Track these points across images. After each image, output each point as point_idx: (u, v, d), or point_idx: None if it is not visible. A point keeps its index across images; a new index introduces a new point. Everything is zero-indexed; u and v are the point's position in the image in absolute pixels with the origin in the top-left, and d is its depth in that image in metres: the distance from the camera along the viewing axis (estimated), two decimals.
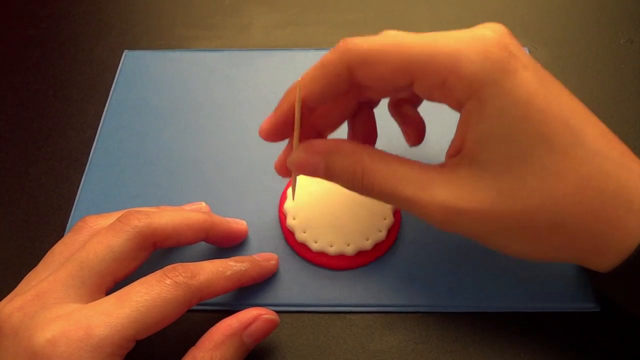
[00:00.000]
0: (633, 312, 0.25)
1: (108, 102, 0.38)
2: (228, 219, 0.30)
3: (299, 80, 0.25)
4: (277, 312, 0.26)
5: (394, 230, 0.30)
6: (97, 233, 0.25)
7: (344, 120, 0.29)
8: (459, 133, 0.24)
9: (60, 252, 0.26)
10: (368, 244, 0.30)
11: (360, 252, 0.30)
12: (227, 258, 0.27)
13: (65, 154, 0.35)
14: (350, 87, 0.26)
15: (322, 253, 0.30)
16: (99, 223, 0.27)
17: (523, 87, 0.22)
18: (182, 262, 0.24)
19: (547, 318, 0.28)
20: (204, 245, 0.30)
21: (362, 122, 0.29)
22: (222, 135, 0.36)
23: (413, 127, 0.30)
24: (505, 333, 0.27)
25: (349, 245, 0.30)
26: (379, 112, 0.30)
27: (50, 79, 0.40)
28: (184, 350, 0.24)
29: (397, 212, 0.31)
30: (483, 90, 0.22)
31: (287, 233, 0.31)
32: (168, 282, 0.23)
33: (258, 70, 0.39)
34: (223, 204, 0.32)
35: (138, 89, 0.38)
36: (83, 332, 0.21)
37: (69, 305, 0.23)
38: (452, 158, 0.25)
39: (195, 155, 0.35)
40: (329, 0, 0.44)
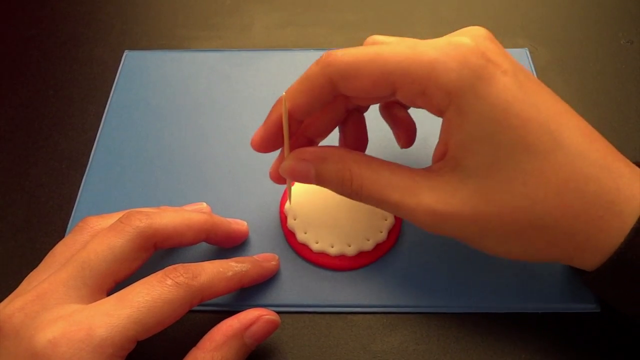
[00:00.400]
0: (623, 310, 0.25)
1: (109, 102, 0.38)
2: (229, 220, 0.30)
3: (284, 94, 0.26)
4: (277, 312, 0.26)
5: (395, 231, 0.30)
6: (98, 233, 0.25)
7: (335, 127, 0.29)
8: (442, 139, 0.25)
9: (61, 252, 0.26)
10: (369, 245, 0.30)
11: (361, 252, 0.30)
12: (228, 259, 0.27)
13: (66, 154, 0.35)
14: (336, 97, 0.26)
15: (323, 253, 0.30)
16: (100, 223, 0.27)
17: (501, 92, 0.23)
18: (183, 262, 0.24)
19: (547, 318, 0.28)
20: (205, 246, 0.30)
21: (352, 127, 0.29)
22: (222, 136, 0.36)
23: (404, 129, 0.30)
24: (506, 333, 0.27)
25: (350, 246, 0.30)
26: (371, 115, 0.30)
27: (51, 79, 0.40)
28: (185, 351, 0.24)
29: None
30: (461, 98, 0.23)
31: (287, 234, 0.31)
32: (169, 282, 0.23)
33: (258, 71, 0.39)
34: (224, 205, 0.32)
35: (139, 89, 0.38)
36: (84, 332, 0.21)
37: (70, 306, 0.23)
38: (436, 163, 0.25)
39: (196, 156, 0.35)
40: (329, 1, 0.44)
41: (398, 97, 0.25)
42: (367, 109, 0.30)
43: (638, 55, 0.39)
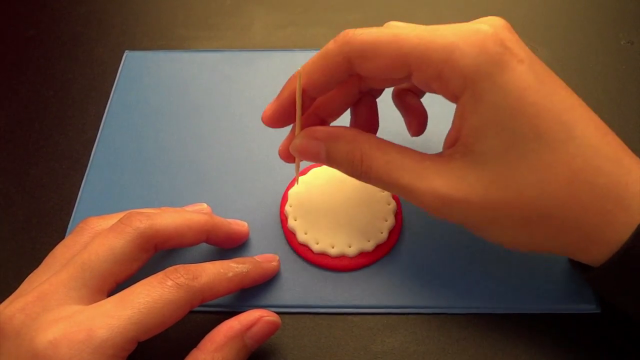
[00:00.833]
0: (625, 309, 0.25)
1: (109, 102, 0.38)
2: (229, 220, 0.30)
3: (300, 69, 0.26)
4: (278, 313, 0.26)
5: (395, 232, 0.30)
6: (98, 234, 0.25)
7: (347, 109, 0.29)
8: (455, 124, 0.25)
9: (62, 253, 0.26)
10: (369, 246, 0.30)
11: (362, 253, 0.30)
12: (228, 259, 0.27)
13: (66, 155, 0.35)
14: (351, 77, 0.26)
15: (323, 254, 0.30)
16: (101, 224, 0.27)
17: (516, 80, 0.23)
18: (183, 263, 0.24)
19: (547, 319, 0.28)
20: (205, 247, 0.30)
21: (364, 110, 0.29)
22: (223, 136, 0.36)
23: (415, 117, 0.30)
24: (506, 334, 0.27)
25: (351, 247, 0.30)
26: (383, 102, 0.30)
27: (51, 80, 0.40)
28: (186, 352, 0.24)
29: (398, 213, 0.31)
30: (477, 83, 0.23)
31: (288, 234, 0.31)
32: (170, 283, 0.23)
33: (259, 71, 0.39)
34: (224, 205, 0.32)
35: (139, 90, 0.38)
36: (85, 334, 0.21)
37: (71, 307, 0.23)
38: (448, 149, 0.25)
39: (197, 156, 0.35)
40: (330, 1, 0.44)
41: (414, 80, 0.25)
42: (380, 94, 0.30)
43: (638, 56, 0.39)
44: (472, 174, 0.24)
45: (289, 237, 0.31)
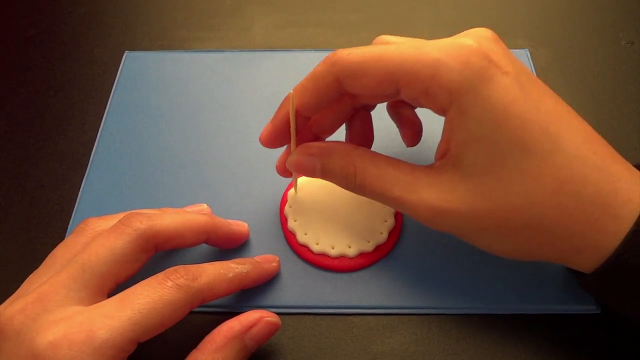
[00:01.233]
0: (621, 312, 0.25)
1: (109, 103, 0.38)
2: (229, 221, 0.30)
3: (291, 92, 0.26)
4: (278, 314, 0.26)
5: (395, 233, 0.30)
6: (98, 235, 0.25)
7: (341, 125, 0.30)
8: (444, 137, 0.25)
9: (62, 254, 0.26)
10: (369, 246, 0.30)
11: (362, 254, 0.30)
12: (228, 260, 0.27)
13: (66, 155, 0.35)
14: (343, 95, 0.27)
15: (323, 255, 0.30)
16: (101, 225, 0.27)
17: (501, 93, 0.23)
18: (183, 264, 0.24)
19: (547, 320, 0.28)
20: (205, 248, 0.30)
21: (359, 124, 0.30)
22: (223, 136, 0.36)
23: (410, 128, 0.31)
24: (506, 335, 0.27)
25: (351, 247, 0.30)
26: (377, 113, 0.30)
27: (51, 80, 0.40)
28: (186, 353, 0.24)
29: (398, 214, 0.31)
30: (462, 98, 0.23)
31: (288, 235, 0.31)
32: (170, 284, 0.23)
33: (259, 71, 0.39)
34: (224, 206, 0.32)
35: (139, 90, 0.38)
36: (85, 334, 0.21)
37: (71, 308, 0.23)
38: (439, 160, 0.26)
39: (197, 157, 0.35)
40: (330, 1, 0.44)
41: (402, 96, 0.26)
42: (374, 107, 0.30)
43: (638, 56, 0.39)
44: (461, 186, 0.24)
45: (289, 237, 0.31)
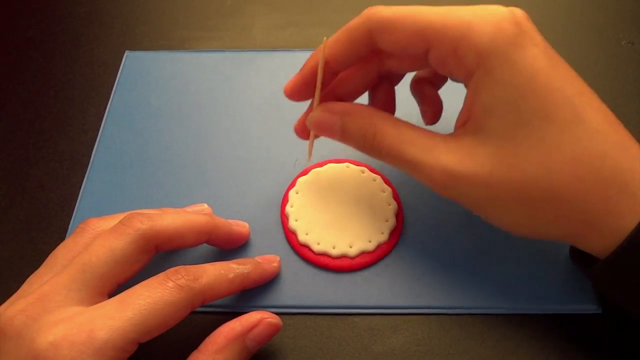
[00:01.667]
0: (627, 307, 0.25)
1: (109, 103, 0.38)
2: (230, 221, 0.30)
3: (325, 40, 0.27)
4: (279, 314, 0.26)
5: (396, 233, 0.30)
6: (99, 235, 0.25)
7: (365, 90, 0.30)
8: (467, 103, 0.25)
9: (63, 254, 0.26)
10: (370, 246, 0.30)
11: (363, 253, 0.30)
12: (229, 260, 0.27)
13: (67, 155, 0.35)
14: (371, 55, 0.28)
15: (324, 255, 0.30)
16: (101, 225, 0.27)
17: (529, 61, 0.23)
18: (184, 264, 0.24)
19: (548, 320, 0.28)
20: (206, 248, 0.30)
21: (382, 93, 0.30)
22: (223, 136, 0.36)
23: (431, 106, 0.31)
24: (507, 335, 0.27)
25: (352, 247, 0.30)
26: (399, 92, 0.31)
27: (51, 80, 0.40)
28: (187, 354, 0.24)
29: (399, 214, 0.31)
30: (491, 60, 0.23)
31: (289, 235, 0.31)
32: (170, 285, 0.23)
33: (259, 71, 0.39)
34: (225, 206, 0.32)
35: (139, 90, 0.38)
36: (85, 335, 0.21)
37: (72, 309, 0.22)
38: (459, 128, 0.26)
39: (197, 157, 0.35)
40: (330, 1, 0.44)
41: (430, 57, 0.26)
42: (399, 81, 0.31)
43: (638, 56, 0.39)
44: (480, 151, 0.24)
45: (290, 237, 0.31)
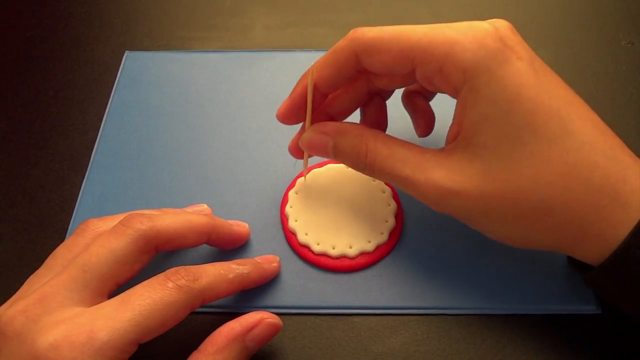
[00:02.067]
0: (624, 309, 0.25)
1: (109, 103, 0.38)
2: (230, 222, 0.30)
3: (312, 65, 0.27)
4: (279, 314, 0.26)
5: (396, 233, 0.30)
6: (99, 236, 0.25)
7: (355, 108, 0.30)
8: (456, 119, 0.25)
9: (63, 255, 0.26)
10: (370, 246, 0.30)
11: (362, 254, 0.30)
12: (229, 261, 0.27)
13: (67, 156, 0.35)
14: (360, 75, 0.28)
15: (324, 255, 0.30)
16: (101, 226, 0.27)
17: (514, 75, 0.23)
18: (184, 265, 0.24)
19: (548, 320, 0.28)
20: (206, 248, 0.30)
21: (373, 110, 0.30)
22: (223, 137, 0.36)
23: (423, 118, 0.31)
24: (507, 335, 0.27)
25: (351, 248, 0.30)
26: (391, 104, 0.31)
27: (51, 80, 0.40)
28: (187, 354, 0.24)
29: (399, 214, 0.31)
30: (476, 77, 0.24)
31: (289, 235, 0.31)
32: (170, 285, 0.23)
33: (259, 71, 0.39)
34: (225, 206, 0.32)
35: (139, 90, 0.38)
36: (85, 336, 0.21)
37: (72, 309, 0.23)
38: (450, 143, 0.26)
39: (197, 157, 0.35)
40: (330, 2, 0.44)
41: (417, 75, 0.26)
42: (389, 96, 0.31)
43: (639, 56, 0.39)
44: (470, 166, 0.24)
45: (290, 238, 0.31)
